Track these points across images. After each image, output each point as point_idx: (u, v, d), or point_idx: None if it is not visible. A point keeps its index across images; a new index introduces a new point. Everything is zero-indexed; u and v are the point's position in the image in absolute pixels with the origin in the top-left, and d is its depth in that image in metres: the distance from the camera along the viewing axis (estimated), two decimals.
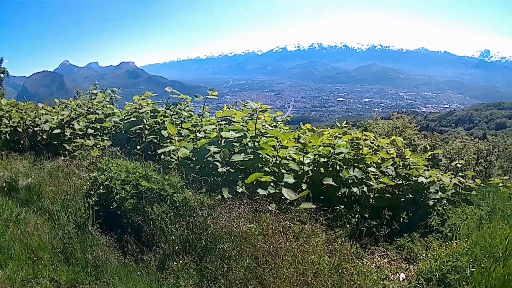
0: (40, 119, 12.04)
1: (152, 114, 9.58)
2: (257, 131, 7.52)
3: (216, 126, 7.60)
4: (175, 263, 5.57)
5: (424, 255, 6.58)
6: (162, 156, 8.01)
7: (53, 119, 11.61)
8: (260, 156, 7.14)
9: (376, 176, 8.02)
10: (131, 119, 9.77)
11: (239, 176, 6.86)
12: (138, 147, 9.11)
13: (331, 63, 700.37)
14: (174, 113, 9.77)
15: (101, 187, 7.19)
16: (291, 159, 7.67)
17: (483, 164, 33.73)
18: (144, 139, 9.21)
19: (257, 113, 7.68)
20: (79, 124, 11.11)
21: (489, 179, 10.11)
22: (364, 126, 35.48)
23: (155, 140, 8.98)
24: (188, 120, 9.44)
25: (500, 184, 9.55)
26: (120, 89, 13.85)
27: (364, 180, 7.70)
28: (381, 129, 33.09)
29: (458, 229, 7.09)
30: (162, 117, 9.42)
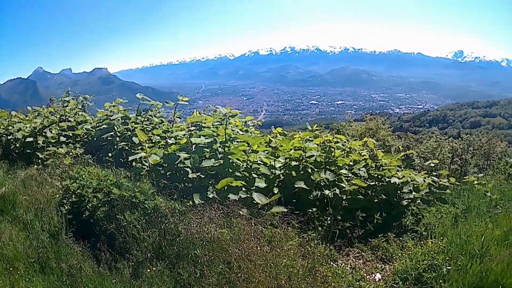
0: (13, 127, 11.84)
1: (123, 121, 9.55)
2: (227, 136, 7.51)
3: (186, 132, 7.63)
4: (148, 270, 5.53)
5: (399, 255, 6.64)
6: (134, 163, 7.93)
7: (26, 127, 11.42)
8: (230, 161, 7.16)
9: (348, 178, 8.08)
10: (103, 126, 9.71)
11: (210, 182, 6.85)
12: (110, 154, 9.07)
13: (303, 67, 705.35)
14: (145, 119, 9.75)
15: (73, 196, 7.13)
16: (262, 163, 7.70)
17: (458, 163, 34.04)
18: (115, 146, 9.16)
19: (227, 118, 7.71)
20: (51, 132, 10.95)
21: (464, 178, 10.19)
22: (337, 128, 35.66)
23: (127, 147, 8.93)
24: (159, 127, 9.43)
25: (475, 182, 9.65)
26: (92, 96, 13.79)
27: (336, 182, 7.75)
28: (354, 131, 33.27)
29: (433, 228, 7.15)
30: (133, 123, 9.40)
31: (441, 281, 5.55)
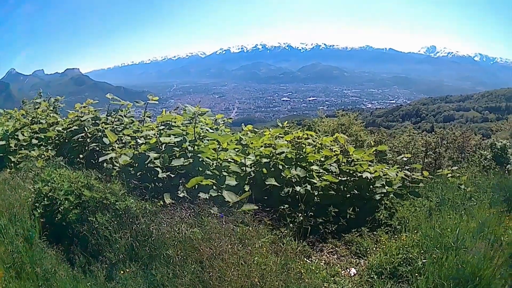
0: None
1: (93, 122, 9.44)
2: (196, 134, 7.50)
3: (155, 131, 7.60)
4: (122, 272, 5.49)
5: (374, 249, 6.71)
6: (104, 164, 7.88)
7: None
8: (200, 159, 7.16)
9: (320, 174, 8.14)
10: (74, 127, 9.55)
11: (180, 181, 6.85)
12: (81, 156, 8.98)
13: (275, 64, 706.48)
14: (116, 120, 9.67)
15: (45, 199, 7.03)
16: (232, 161, 7.70)
17: (432, 156, 34.32)
18: (86, 148, 9.07)
19: (196, 116, 7.67)
20: (23, 135, 10.80)
21: (438, 171, 10.27)
22: (309, 124, 35.75)
23: (97, 148, 8.81)
24: (130, 127, 9.38)
25: (449, 175, 9.68)
26: (64, 97, 13.68)
27: (308, 178, 7.79)
28: (326, 127, 33.43)
29: (407, 221, 7.19)
30: (104, 124, 9.30)
31: (416, 274, 5.59)
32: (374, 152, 9.36)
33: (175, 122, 8.36)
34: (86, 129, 9.15)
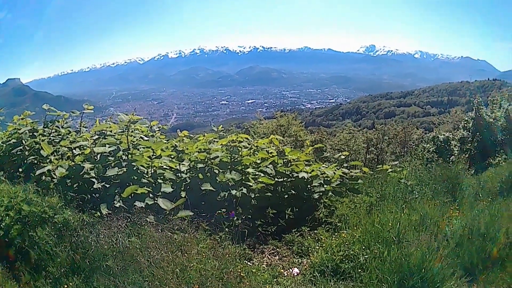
0: None
1: (31, 134, 9.17)
2: (130, 143, 7.44)
3: (90, 141, 7.49)
4: (65, 286, 5.37)
5: (315, 247, 6.72)
6: (43, 177, 7.66)
7: None
8: (134, 168, 7.10)
9: (256, 176, 8.16)
10: (12, 140, 9.26)
11: (116, 191, 6.76)
12: (20, 170, 8.67)
13: (213, 68, 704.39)
14: (53, 131, 9.46)
15: None
16: (168, 168, 7.66)
17: (374, 152, 34.92)
18: (25, 161, 8.78)
19: (129, 124, 7.59)
20: None
21: (377, 166, 10.38)
22: (247, 127, 35.97)
23: (35, 161, 8.55)
24: (67, 137, 9.14)
25: (389, 170, 9.82)
26: (3, 109, 13.37)
27: (243, 181, 7.82)
28: (265, 128, 33.73)
29: (347, 218, 7.26)
30: (41, 136, 9.08)
31: (359, 270, 5.65)
32: (314, 151, 9.42)
33: (110, 131, 8.27)
34: (24, 142, 8.92)
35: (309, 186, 8.43)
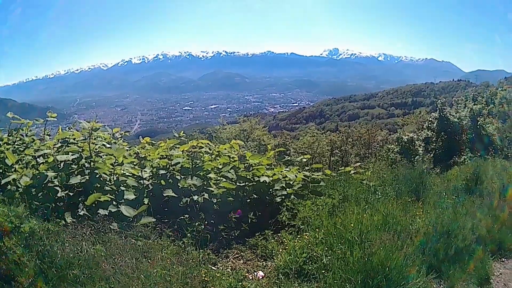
0: None
1: None
2: (92, 150, 7.38)
3: (52, 149, 7.47)
4: None
5: (279, 250, 6.73)
6: (8, 186, 7.57)
7: None
8: (97, 176, 7.06)
9: (218, 181, 8.21)
10: None
11: (80, 199, 6.73)
12: None
13: (176, 73, 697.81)
14: (18, 139, 9.28)
15: None
16: (131, 175, 7.66)
17: (339, 154, 35.18)
18: None
19: (91, 132, 7.56)
20: None
21: (339, 169, 10.48)
22: (210, 132, 36.01)
23: (1, 170, 8.57)
24: (31, 146, 9.08)
25: (352, 172, 9.96)
26: None
27: (205, 187, 7.87)
28: (228, 133, 33.77)
29: (310, 220, 7.31)
30: (6, 144, 8.92)
31: (323, 271, 5.71)
32: (277, 155, 9.48)
33: (74, 139, 8.14)
34: None
35: (271, 189, 8.50)
